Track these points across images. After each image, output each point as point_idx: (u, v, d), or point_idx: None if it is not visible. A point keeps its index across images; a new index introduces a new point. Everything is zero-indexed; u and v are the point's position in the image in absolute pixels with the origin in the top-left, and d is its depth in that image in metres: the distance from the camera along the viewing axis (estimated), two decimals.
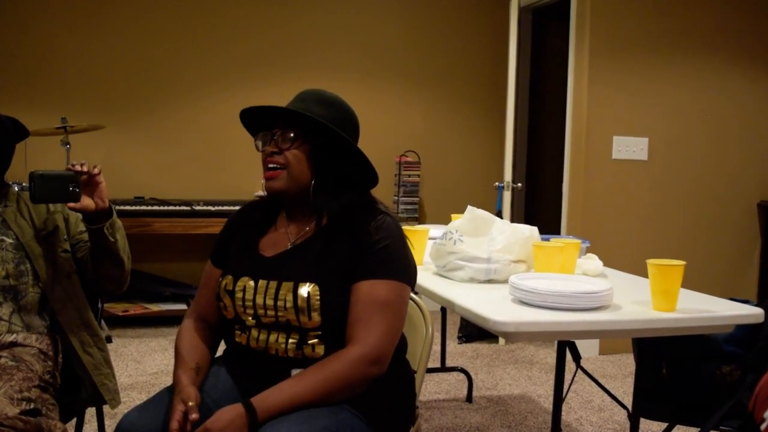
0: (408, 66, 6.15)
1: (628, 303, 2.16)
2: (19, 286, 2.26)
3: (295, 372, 1.77)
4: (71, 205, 2.07)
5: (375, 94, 5.95)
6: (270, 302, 1.80)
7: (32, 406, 1.91)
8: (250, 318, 1.84)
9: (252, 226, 2.00)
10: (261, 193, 5.58)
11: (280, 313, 1.79)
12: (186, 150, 5.74)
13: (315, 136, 1.86)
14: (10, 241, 2.29)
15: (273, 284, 1.81)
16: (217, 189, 5.74)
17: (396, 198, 6.00)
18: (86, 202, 2.10)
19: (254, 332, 1.85)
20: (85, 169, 2.08)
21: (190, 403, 1.71)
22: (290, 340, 1.79)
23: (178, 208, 5.20)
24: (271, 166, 1.86)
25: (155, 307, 5.33)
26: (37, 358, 2.15)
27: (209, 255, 2.06)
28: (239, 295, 1.85)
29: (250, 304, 1.83)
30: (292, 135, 1.86)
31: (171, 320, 5.35)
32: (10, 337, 2.20)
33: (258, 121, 1.95)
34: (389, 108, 6.04)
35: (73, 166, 2.08)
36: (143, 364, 4.39)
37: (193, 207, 5.21)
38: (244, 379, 1.87)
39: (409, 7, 6.13)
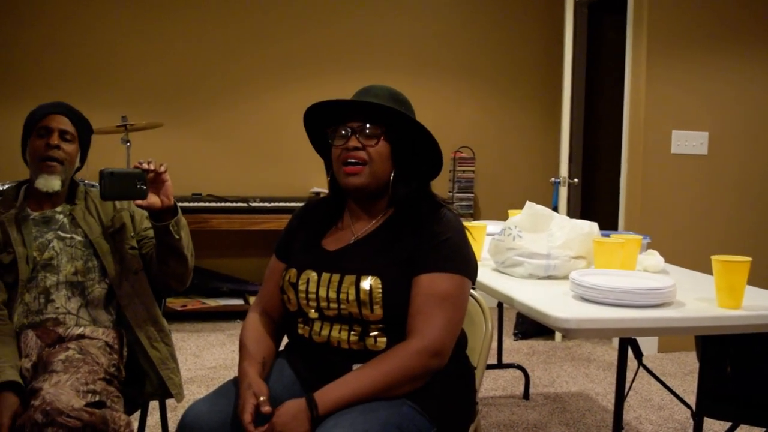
0: (462, 61, 6.13)
1: (692, 300, 2.13)
2: (86, 282, 2.32)
3: (356, 367, 1.78)
4: (138, 202, 2.11)
5: (429, 90, 5.95)
6: (333, 295, 1.82)
7: (97, 398, 1.96)
8: (313, 310, 1.86)
9: (316, 221, 2.03)
10: (316, 189, 5.62)
11: (342, 306, 1.81)
12: (242, 146, 5.80)
13: (396, 131, 1.88)
14: (79, 238, 2.35)
15: (336, 277, 1.83)
16: (273, 185, 5.79)
17: (451, 194, 5.99)
18: (152, 199, 2.14)
19: (317, 325, 1.87)
20: (152, 167, 2.12)
21: (262, 398, 1.73)
22: (352, 333, 1.81)
23: (234, 204, 5.26)
24: (352, 161, 1.86)
25: (213, 303, 5.41)
26: (103, 351, 2.21)
27: (274, 249, 2.09)
28: (302, 287, 1.87)
29: (313, 296, 1.85)
30: (376, 131, 1.86)
31: (228, 315, 5.42)
32: (78, 330, 2.26)
33: (325, 115, 1.95)
34: (443, 103, 6.03)
35: (140, 164, 2.12)
36: (202, 358, 4.46)
37: (250, 203, 5.27)
38: (305, 372, 1.89)
39: (464, 1, 6.11)
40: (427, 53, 6.05)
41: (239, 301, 5.47)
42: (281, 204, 5.33)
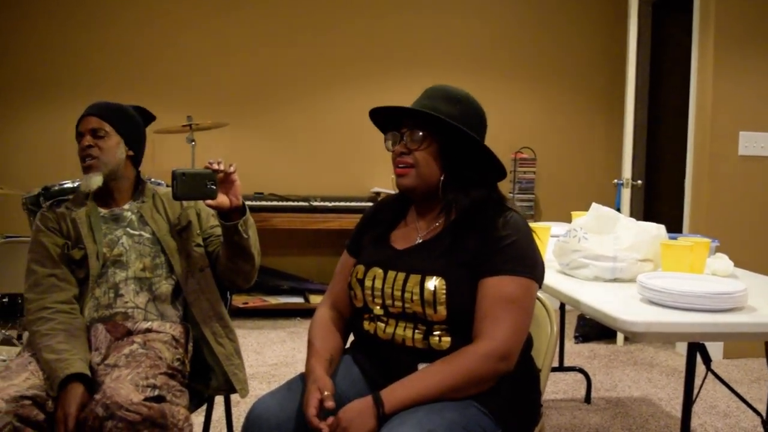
0: (523, 61, 6.08)
1: (764, 305, 2.08)
2: (154, 278, 2.37)
3: (421, 366, 1.79)
4: (208, 202, 2.14)
5: (490, 90, 5.91)
6: (397, 293, 1.83)
7: (157, 392, 1.99)
8: (378, 307, 1.88)
9: (385, 219, 2.04)
10: (377, 189, 5.63)
11: (407, 305, 1.82)
12: (305, 146, 5.86)
13: (443, 134, 1.87)
14: (147, 235, 2.40)
15: (401, 276, 1.84)
16: (334, 185, 5.83)
17: (512, 195, 5.95)
18: (221, 199, 2.16)
19: (381, 323, 1.88)
20: (221, 167, 2.15)
21: (326, 393, 1.75)
22: (416, 331, 1.82)
23: (296, 203, 5.32)
24: (400, 165, 1.90)
25: (273, 300, 5.47)
26: (168, 346, 2.24)
27: (345, 246, 2.12)
28: (368, 284, 1.89)
29: (379, 293, 1.87)
30: (420, 135, 1.87)
31: (288, 313, 5.48)
32: (146, 324, 2.31)
33: (387, 119, 1.98)
34: (505, 104, 6.00)
35: (210, 164, 2.15)
36: (263, 355, 4.52)
37: (311, 203, 5.31)
38: (371, 370, 1.91)
39: (526, 1, 6.06)
40: (488, 54, 6.02)
41: (299, 299, 5.52)
42: (342, 203, 5.37)
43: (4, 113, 5.69)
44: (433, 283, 1.79)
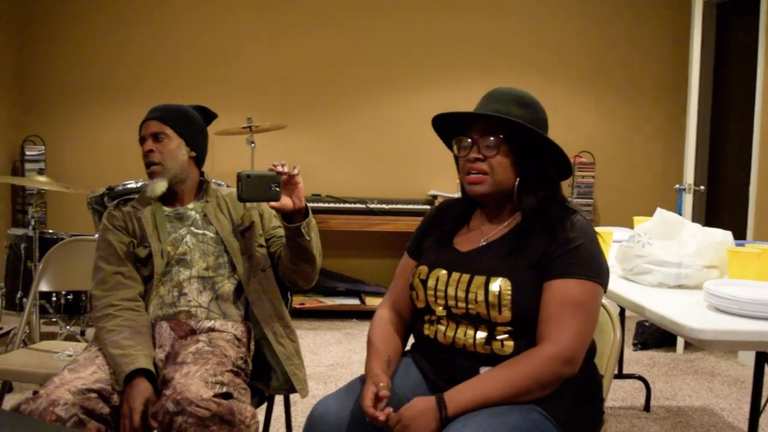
0: (583, 64, 6.02)
1: None
2: (216, 278, 2.40)
3: (483, 370, 1.78)
4: (272, 204, 2.16)
5: (549, 93, 5.84)
6: (461, 294, 1.82)
7: (225, 389, 2.00)
8: (441, 308, 1.87)
9: (448, 222, 2.03)
10: (435, 192, 5.62)
11: (470, 306, 1.81)
12: (362, 149, 5.88)
13: (517, 139, 1.85)
14: (211, 235, 2.43)
15: (465, 277, 1.84)
16: (391, 188, 5.84)
17: (570, 199, 5.86)
18: (285, 201, 2.17)
19: (442, 325, 1.87)
20: (286, 169, 2.16)
21: (381, 384, 1.76)
22: (479, 335, 1.81)
23: (353, 206, 5.35)
24: (473, 172, 1.87)
25: (329, 302, 5.50)
26: (232, 344, 2.27)
27: (405, 248, 2.11)
28: (431, 284, 1.89)
29: (442, 294, 1.86)
30: (494, 141, 1.85)
31: (344, 314, 5.50)
32: (209, 323, 2.34)
33: (449, 124, 1.96)
34: (563, 107, 5.93)
35: (275, 166, 2.17)
36: (319, 355, 4.54)
37: (368, 205, 5.33)
38: (431, 374, 1.90)
39: (586, 4, 5.99)
40: (547, 56, 5.97)
41: (355, 301, 5.54)
42: (399, 206, 5.38)
43: (71, 116, 5.85)
44: (497, 284, 1.78)
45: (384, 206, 5.37)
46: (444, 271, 1.88)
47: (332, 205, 5.37)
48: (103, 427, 1.99)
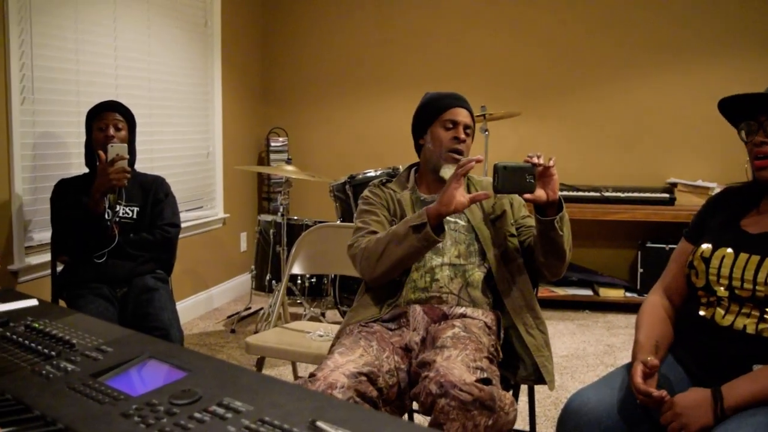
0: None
1: None
2: (467, 265, 2.42)
3: (756, 368, 1.68)
4: (526, 196, 2.14)
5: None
6: (748, 276, 1.74)
7: (485, 375, 2.00)
8: (723, 288, 1.79)
9: (734, 205, 1.95)
10: (673, 180, 5.34)
11: (758, 288, 1.72)
12: (596, 135, 5.71)
13: None
14: (463, 223, 2.46)
15: (755, 259, 1.75)
16: (626, 175, 5.62)
17: None
18: (539, 193, 2.15)
19: (721, 308, 1.79)
20: (541, 161, 2.14)
21: (649, 358, 1.72)
22: (764, 318, 1.71)
23: (586, 194, 5.22)
24: (760, 156, 1.79)
25: (561, 291, 5.41)
26: (483, 331, 2.29)
27: (683, 233, 2.05)
28: (715, 263, 1.82)
29: (726, 274, 1.78)
30: None
31: (576, 305, 5.40)
32: (460, 310, 2.37)
33: (737, 108, 1.87)
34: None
35: (530, 157, 2.15)
36: (553, 346, 4.44)
37: (602, 193, 5.18)
38: (696, 368, 1.83)
39: None
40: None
41: (588, 292, 5.41)
42: (635, 194, 5.18)
43: (311, 109, 6.17)
44: None
45: (620, 194, 5.19)
46: (731, 251, 1.80)
47: (565, 193, 5.25)
48: (372, 409, 2.05)
